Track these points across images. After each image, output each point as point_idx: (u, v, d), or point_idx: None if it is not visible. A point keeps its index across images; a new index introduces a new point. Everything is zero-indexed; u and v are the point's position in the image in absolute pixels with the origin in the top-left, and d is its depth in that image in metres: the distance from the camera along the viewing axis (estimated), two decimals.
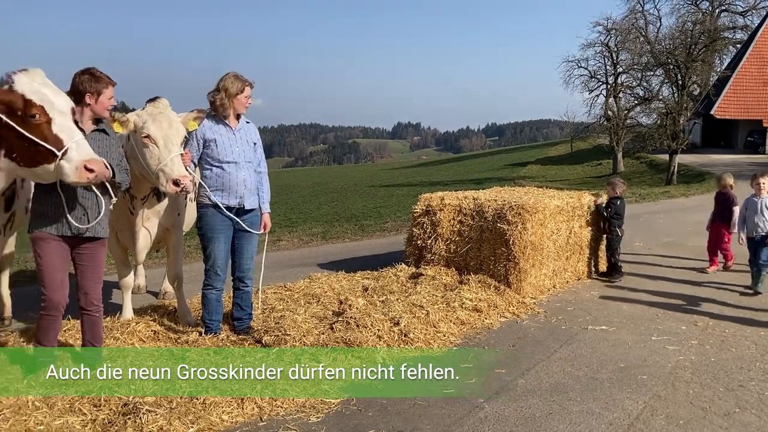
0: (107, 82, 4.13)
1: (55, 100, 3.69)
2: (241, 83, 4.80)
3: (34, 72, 3.76)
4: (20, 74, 3.71)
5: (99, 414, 3.61)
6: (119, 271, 5.49)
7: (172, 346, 4.71)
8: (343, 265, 7.96)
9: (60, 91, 3.80)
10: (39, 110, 3.62)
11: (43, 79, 3.76)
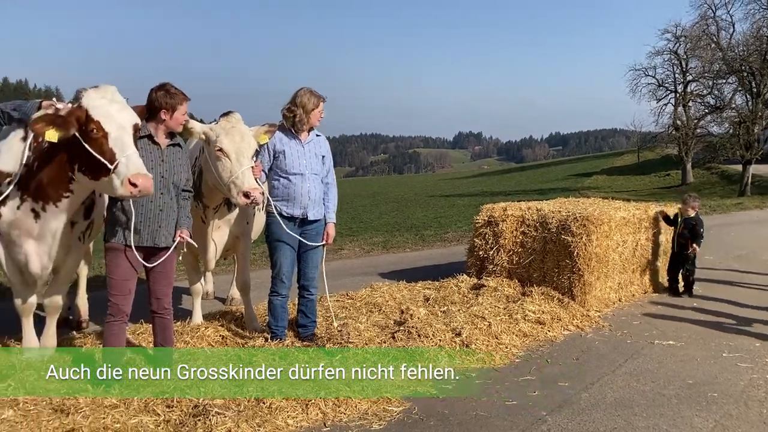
0: (181, 98, 4.31)
1: (116, 115, 3.85)
2: (317, 99, 4.94)
3: (105, 88, 3.96)
4: (90, 90, 3.92)
5: (171, 415, 3.75)
6: (190, 278, 5.70)
7: (240, 351, 4.84)
8: (404, 275, 8.02)
9: (126, 107, 3.96)
10: (96, 125, 3.79)
11: (113, 95, 3.94)
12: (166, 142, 4.29)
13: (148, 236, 4.19)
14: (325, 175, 5.15)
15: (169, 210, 4.27)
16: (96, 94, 3.88)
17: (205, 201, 5.06)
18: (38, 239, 4.40)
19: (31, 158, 4.23)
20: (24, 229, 4.35)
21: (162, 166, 4.23)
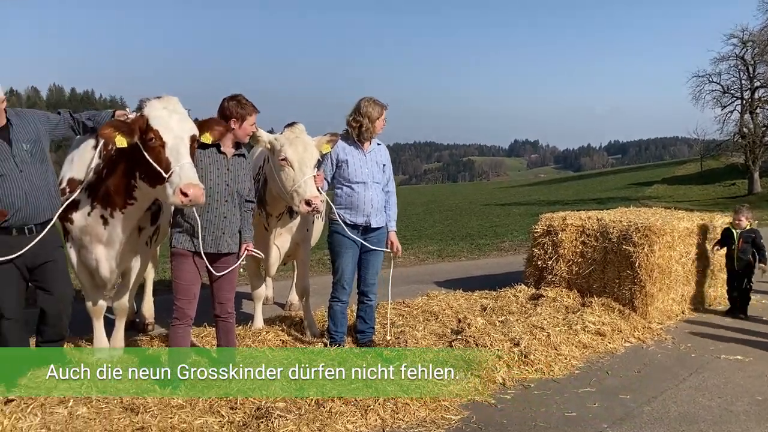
0: (251, 109, 4.44)
1: (174, 126, 3.97)
2: (380, 108, 5.01)
3: (168, 99, 4.10)
4: (153, 100, 4.08)
5: (235, 416, 3.85)
6: (252, 283, 5.84)
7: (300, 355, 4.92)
8: (460, 284, 7.98)
9: (187, 118, 4.08)
10: (155, 134, 3.93)
11: (175, 105, 4.08)
12: (232, 152, 4.42)
13: (212, 242, 4.31)
14: (386, 183, 5.21)
15: (232, 217, 4.39)
16: (158, 105, 4.04)
17: (269, 209, 5.18)
18: (107, 244, 4.58)
19: (100, 166, 4.43)
20: (94, 234, 4.54)
21: (227, 175, 4.36)
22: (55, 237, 4.26)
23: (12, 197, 4.01)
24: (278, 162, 4.79)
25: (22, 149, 4.08)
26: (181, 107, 4.12)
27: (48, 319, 4.33)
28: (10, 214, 4.02)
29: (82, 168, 4.58)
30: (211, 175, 4.30)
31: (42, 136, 4.24)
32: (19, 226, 4.07)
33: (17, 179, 4.04)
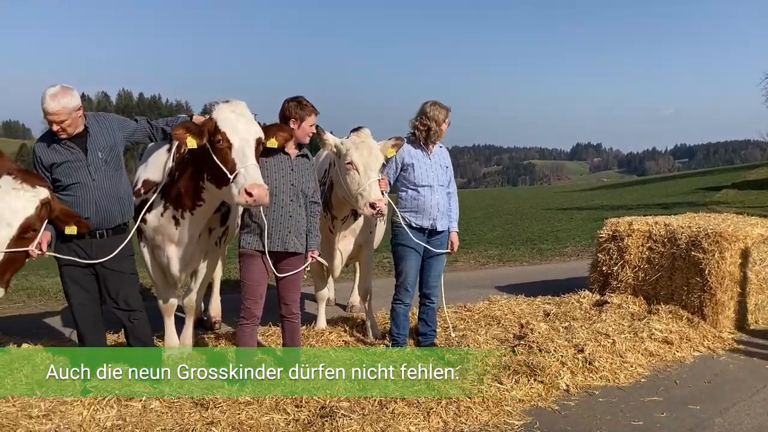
0: (310, 110, 4.55)
1: (241, 129, 4.11)
2: (446, 111, 5.05)
3: (236, 103, 4.25)
4: (222, 104, 4.23)
5: (300, 414, 3.94)
6: (316, 284, 5.94)
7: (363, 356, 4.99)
8: (522, 289, 7.88)
9: (253, 121, 4.22)
10: (222, 136, 4.08)
11: (243, 109, 4.22)
12: (295, 153, 4.53)
13: (278, 242, 4.42)
14: (448, 185, 5.22)
15: (298, 217, 4.48)
16: (227, 108, 4.19)
17: (334, 212, 5.27)
18: (178, 244, 4.75)
19: (173, 168, 4.60)
20: (166, 234, 4.72)
21: (292, 175, 4.46)
22: (127, 245, 4.38)
23: (83, 206, 4.15)
24: (344, 165, 4.86)
25: (97, 158, 4.21)
26: (248, 111, 4.26)
27: (125, 329, 4.48)
28: None
29: (156, 170, 4.76)
30: (276, 175, 4.42)
31: (118, 143, 4.38)
32: (91, 232, 4.20)
33: (90, 188, 4.18)
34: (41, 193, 3.93)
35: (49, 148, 4.16)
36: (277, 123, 4.48)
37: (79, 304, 4.29)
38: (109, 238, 4.27)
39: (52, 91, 4.00)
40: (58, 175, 4.15)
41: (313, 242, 4.59)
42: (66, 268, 4.24)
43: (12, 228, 3.82)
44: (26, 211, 3.85)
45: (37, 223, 3.91)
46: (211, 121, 4.14)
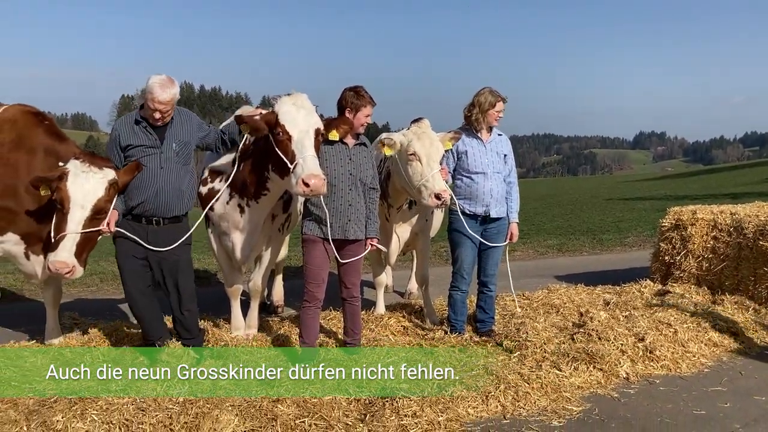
0: (367, 101, 4.63)
1: (300, 121, 4.25)
2: (494, 98, 5.07)
3: (297, 95, 4.40)
4: (284, 97, 4.38)
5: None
6: (374, 271, 6.06)
7: (421, 341, 5.09)
8: (581, 279, 7.79)
9: (313, 113, 4.35)
10: (282, 128, 4.24)
11: (303, 101, 4.36)
12: (353, 142, 4.64)
13: (339, 229, 4.54)
14: (507, 173, 5.25)
15: (357, 205, 4.60)
16: (288, 101, 4.34)
17: (390, 201, 5.36)
18: (243, 231, 4.95)
19: (239, 159, 4.78)
20: (232, 221, 4.92)
21: (350, 164, 4.57)
22: (183, 234, 4.56)
23: (142, 189, 4.36)
24: (406, 156, 4.93)
25: (171, 148, 4.45)
26: (309, 103, 4.39)
27: (174, 316, 4.67)
28: (137, 203, 4.38)
29: (222, 160, 4.96)
30: (335, 165, 4.54)
31: (192, 141, 4.62)
32: (147, 217, 4.43)
33: (155, 175, 4.40)
34: (109, 175, 4.20)
35: (130, 130, 4.42)
36: (339, 116, 4.60)
37: (138, 290, 4.49)
38: (165, 226, 4.48)
39: (161, 81, 4.25)
40: (130, 156, 4.39)
41: (372, 229, 4.69)
42: (123, 254, 4.46)
43: (85, 210, 4.11)
44: (97, 193, 4.13)
45: (107, 203, 4.18)
46: (273, 113, 4.30)
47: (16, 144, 4.55)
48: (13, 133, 4.60)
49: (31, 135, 4.60)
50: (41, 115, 4.81)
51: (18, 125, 4.64)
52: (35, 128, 4.64)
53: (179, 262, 4.56)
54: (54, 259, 4.08)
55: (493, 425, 3.97)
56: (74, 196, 4.11)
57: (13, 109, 4.78)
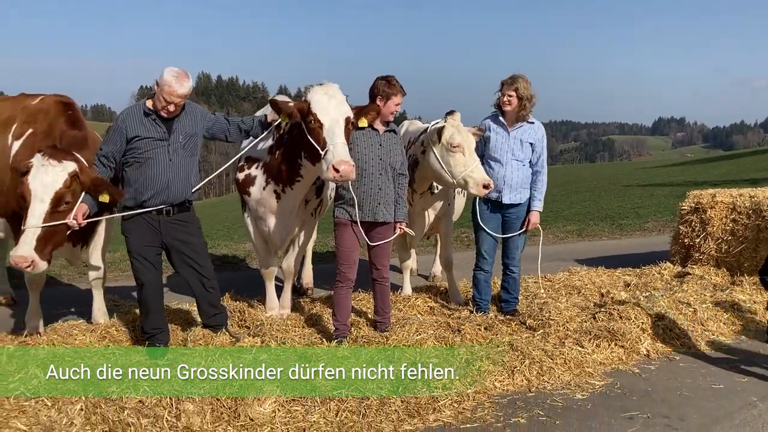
0: (398, 90, 4.80)
1: (331, 109, 4.43)
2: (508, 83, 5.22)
3: (329, 85, 4.59)
4: (316, 86, 4.58)
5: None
6: (400, 255, 6.27)
7: (448, 320, 5.29)
8: (601, 262, 7.92)
9: (344, 102, 4.53)
10: (314, 117, 4.43)
11: (334, 91, 4.55)
12: (383, 128, 4.82)
13: (369, 212, 4.75)
14: (536, 162, 5.38)
15: (387, 189, 4.79)
16: (320, 90, 4.54)
17: (415, 186, 5.53)
18: (278, 215, 5.17)
19: (273, 147, 4.99)
20: (268, 206, 5.14)
21: (380, 150, 4.76)
22: (195, 220, 4.73)
23: (155, 180, 4.44)
24: (450, 148, 5.06)
25: (178, 140, 4.52)
26: (340, 93, 4.58)
27: (198, 296, 4.78)
28: (148, 196, 4.43)
29: (258, 147, 5.16)
30: (366, 150, 4.73)
31: (199, 132, 4.68)
32: (158, 208, 4.50)
33: (165, 166, 4.46)
34: (68, 167, 4.15)
35: (138, 122, 4.43)
36: (368, 104, 4.78)
37: (149, 282, 4.56)
38: (176, 215, 4.58)
39: (177, 74, 4.32)
40: (137, 147, 4.40)
41: (400, 213, 4.89)
42: (135, 247, 4.52)
43: (44, 203, 4.07)
44: (55, 185, 4.09)
45: (68, 195, 4.15)
46: (306, 102, 4.50)
47: (47, 134, 4.71)
48: (45, 123, 4.77)
49: (57, 124, 4.74)
50: (69, 105, 4.95)
51: (49, 115, 4.81)
52: (60, 117, 4.79)
53: (197, 246, 4.70)
54: (13, 253, 4.05)
55: (519, 397, 4.18)
56: (34, 190, 4.08)
57: (48, 99, 4.98)
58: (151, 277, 4.58)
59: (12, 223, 4.92)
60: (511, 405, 4.07)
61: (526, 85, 5.23)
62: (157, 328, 4.60)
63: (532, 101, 5.25)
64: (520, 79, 5.23)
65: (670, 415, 3.94)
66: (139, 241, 4.52)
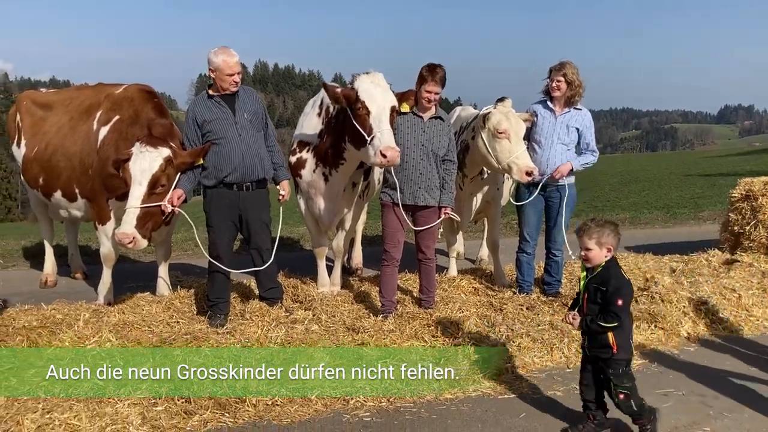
0: (435, 78, 4.90)
1: (378, 97, 4.65)
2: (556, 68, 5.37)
3: (374, 74, 4.81)
4: (363, 75, 4.80)
5: (436, 343, 4.53)
6: (447, 238, 6.48)
7: (491, 300, 5.48)
8: (650, 249, 7.90)
9: (389, 90, 4.75)
10: (361, 104, 4.65)
11: (380, 80, 4.78)
12: (428, 115, 5.01)
13: (409, 195, 4.98)
14: (585, 148, 5.53)
15: (428, 174, 4.99)
16: (366, 78, 4.77)
17: (466, 171, 5.70)
18: (327, 196, 5.45)
19: (322, 131, 5.25)
20: (317, 188, 5.42)
21: (423, 136, 4.97)
22: (266, 198, 5.08)
23: (230, 158, 4.82)
24: (496, 134, 5.21)
25: (243, 118, 4.89)
26: (385, 81, 4.82)
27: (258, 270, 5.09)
28: (227, 172, 4.81)
29: (308, 132, 5.45)
30: (408, 136, 4.95)
31: (259, 110, 5.07)
32: (238, 183, 4.88)
33: (237, 143, 4.84)
34: (163, 153, 4.61)
35: (203, 106, 4.87)
36: (410, 89, 4.98)
37: (223, 254, 4.94)
38: (254, 191, 4.96)
39: (223, 49, 4.74)
40: (209, 130, 4.83)
41: (446, 199, 5.08)
42: (215, 221, 4.91)
43: (143, 186, 4.55)
44: (152, 169, 4.56)
45: (164, 178, 4.61)
46: (353, 90, 4.73)
47: (133, 120, 5.16)
48: (131, 110, 5.21)
49: (143, 112, 5.17)
50: (152, 93, 5.42)
51: (135, 103, 5.25)
52: (146, 105, 5.23)
53: (264, 223, 5.07)
54: (117, 231, 4.54)
55: (557, 373, 4.35)
56: (134, 174, 4.56)
57: (132, 88, 5.42)
58: (225, 250, 4.97)
59: (93, 205, 5.37)
60: (549, 379, 4.25)
61: (573, 70, 5.36)
62: (221, 297, 4.96)
63: (580, 87, 5.38)
64: (568, 65, 5.37)
65: (705, 393, 4.05)
66: (219, 216, 4.91)
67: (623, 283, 3.41)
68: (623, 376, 3.40)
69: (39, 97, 6.36)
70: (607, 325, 3.33)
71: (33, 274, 7.21)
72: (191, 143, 4.86)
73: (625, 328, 3.40)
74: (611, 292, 3.35)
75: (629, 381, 3.41)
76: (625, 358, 3.40)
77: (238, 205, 4.91)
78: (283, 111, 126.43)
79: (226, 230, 4.96)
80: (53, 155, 5.66)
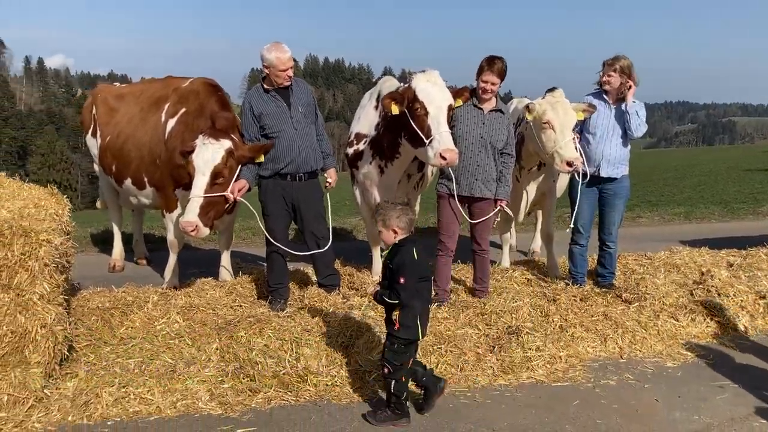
0: (493, 70, 4.98)
1: (436, 97, 4.69)
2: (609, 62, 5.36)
3: (430, 72, 4.86)
4: (419, 74, 4.86)
5: (489, 331, 4.60)
6: (501, 229, 6.52)
7: (544, 290, 5.52)
8: (706, 244, 7.78)
9: (445, 89, 4.79)
10: (420, 104, 4.69)
11: (436, 78, 4.82)
12: (488, 107, 5.08)
13: (466, 187, 5.06)
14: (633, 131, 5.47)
15: (485, 166, 5.06)
16: (423, 77, 4.81)
17: (523, 163, 5.74)
18: (382, 188, 5.56)
19: (379, 125, 5.37)
20: (373, 179, 5.54)
21: (482, 128, 5.03)
22: (318, 188, 5.24)
23: (287, 150, 4.97)
24: (540, 124, 5.25)
25: (298, 111, 5.04)
26: (441, 80, 4.86)
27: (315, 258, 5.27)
28: (284, 164, 4.98)
29: (366, 125, 5.57)
30: (467, 128, 5.03)
31: (312, 102, 5.21)
32: (293, 174, 5.04)
33: (292, 136, 5.00)
34: (225, 144, 4.78)
35: (259, 100, 5.02)
36: (465, 86, 5.06)
37: (279, 241, 5.11)
38: (307, 181, 5.12)
39: (276, 45, 4.86)
40: (266, 123, 4.98)
41: (502, 192, 5.15)
42: (271, 211, 5.09)
43: (206, 176, 4.72)
44: (214, 161, 4.73)
45: (225, 170, 4.77)
46: (410, 90, 4.79)
47: (199, 113, 5.37)
48: (196, 103, 5.43)
49: (208, 105, 5.37)
50: (216, 86, 5.63)
51: (200, 96, 5.46)
52: (211, 98, 5.43)
53: (318, 212, 5.22)
54: (181, 219, 4.73)
55: (610, 363, 4.40)
56: (197, 165, 4.74)
57: (197, 82, 5.65)
58: (282, 235, 5.15)
59: (160, 194, 5.64)
60: (602, 369, 4.31)
61: (626, 63, 5.35)
62: (280, 283, 5.14)
63: (633, 81, 5.36)
64: (621, 58, 5.38)
65: (762, 386, 4.04)
66: (274, 204, 5.09)
67: (406, 263, 3.56)
68: (396, 352, 3.56)
69: (112, 90, 6.73)
70: (389, 301, 3.55)
71: (102, 259, 7.57)
72: (249, 134, 5.02)
73: (413, 309, 3.55)
74: (393, 270, 3.57)
75: (399, 361, 3.56)
76: (405, 338, 3.56)
77: (292, 195, 5.08)
78: (333, 104, 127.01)
79: (282, 218, 5.13)
80: (124, 144, 5.95)
